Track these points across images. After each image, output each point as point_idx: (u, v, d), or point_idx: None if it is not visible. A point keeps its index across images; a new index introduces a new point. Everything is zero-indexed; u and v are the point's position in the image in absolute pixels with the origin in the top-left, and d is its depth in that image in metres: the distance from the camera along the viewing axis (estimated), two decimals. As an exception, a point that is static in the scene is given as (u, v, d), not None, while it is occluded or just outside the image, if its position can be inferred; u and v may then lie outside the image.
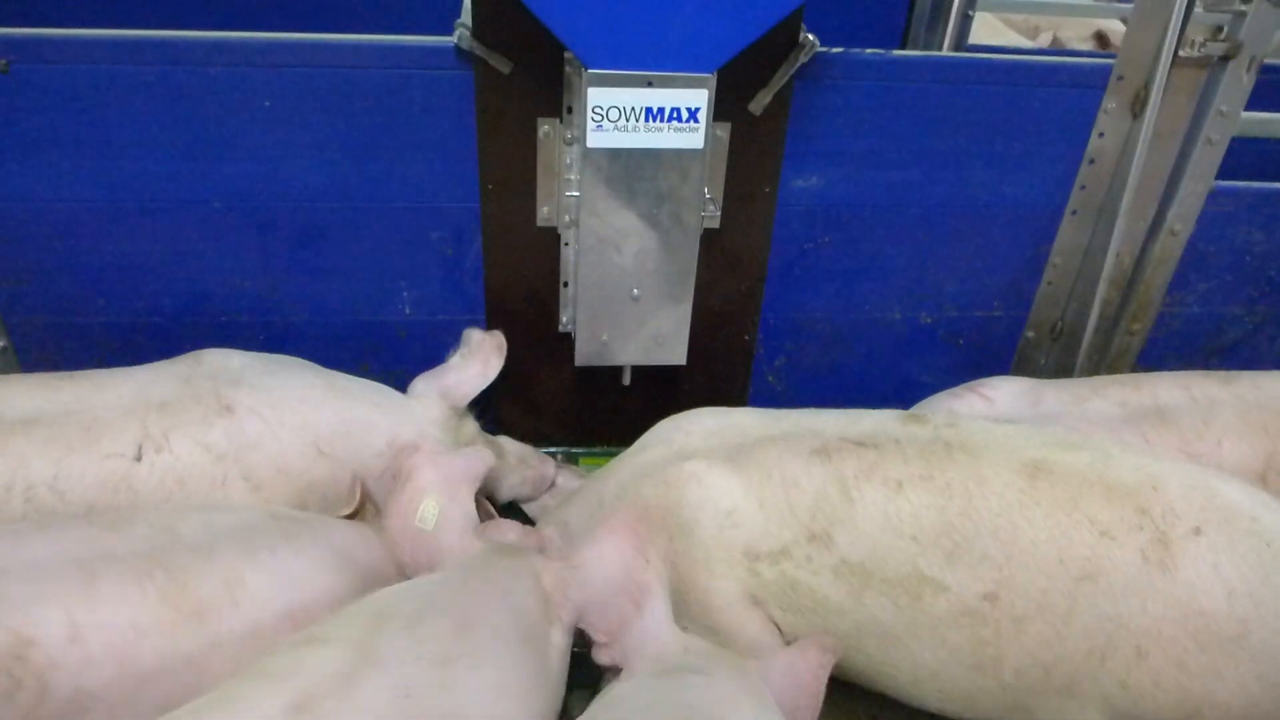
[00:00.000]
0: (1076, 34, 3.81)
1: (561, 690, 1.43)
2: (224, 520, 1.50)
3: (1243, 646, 1.36)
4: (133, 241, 1.96)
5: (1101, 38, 3.70)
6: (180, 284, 2.03)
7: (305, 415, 1.76)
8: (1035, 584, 1.44)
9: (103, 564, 1.31)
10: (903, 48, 2.76)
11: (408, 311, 2.13)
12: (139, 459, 1.62)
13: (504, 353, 1.98)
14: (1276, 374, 1.97)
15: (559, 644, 1.43)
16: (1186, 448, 1.83)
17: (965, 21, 2.78)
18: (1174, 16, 1.90)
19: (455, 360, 1.97)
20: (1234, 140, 2.08)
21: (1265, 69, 2.03)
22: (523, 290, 2.09)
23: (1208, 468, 1.61)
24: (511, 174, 1.93)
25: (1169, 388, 1.92)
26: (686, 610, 1.65)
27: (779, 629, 1.65)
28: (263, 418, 1.72)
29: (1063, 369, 2.35)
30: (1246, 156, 2.38)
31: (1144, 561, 1.41)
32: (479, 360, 1.96)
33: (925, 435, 1.61)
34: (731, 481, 1.61)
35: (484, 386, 1.96)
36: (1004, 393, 1.98)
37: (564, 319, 2.10)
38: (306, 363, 1.91)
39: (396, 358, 2.20)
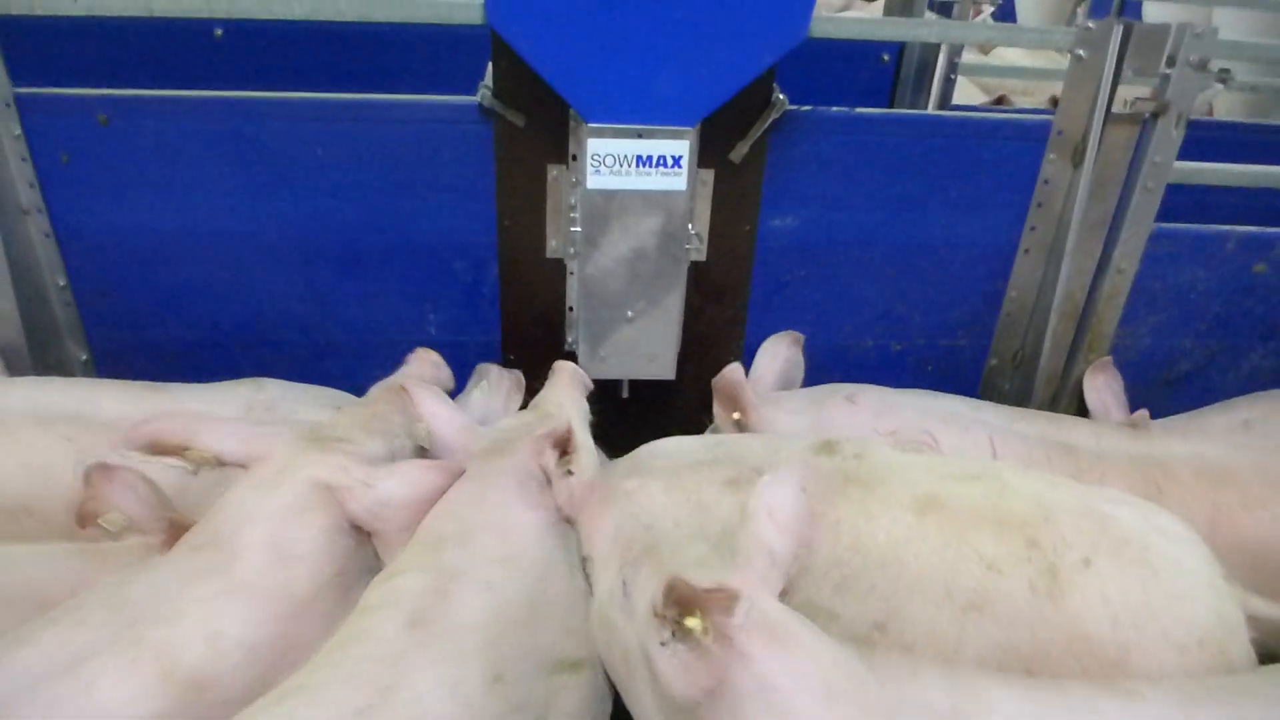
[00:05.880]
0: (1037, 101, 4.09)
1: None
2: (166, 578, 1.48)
3: (1121, 668, 1.44)
4: (201, 267, 2.26)
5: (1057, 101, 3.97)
6: (239, 304, 2.32)
7: None
8: (924, 614, 1.50)
9: (92, 667, 1.28)
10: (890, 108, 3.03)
11: (433, 332, 2.40)
12: (195, 473, 1.80)
13: (523, 389, 2.17)
14: (1196, 434, 2.11)
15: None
16: (1080, 477, 1.92)
17: (948, 84, 3.06)
18: (1104, 79, 2.16)
19: (477, 395, 2.14)
20: (1176, 186, 2.28)
21: (1195, 125, 2.27)
22: (534, 314, 2.35)
23: (1109, 491, 1.69)
24: (525, 212, 2.21)
25: (1083, 432, 2.07)
26: None
27: None
28: None
29: (1025, 395, 2.56)
30: (1190, 201, 2.60)
31: (1031, 592, 1.47)
32: (501, 397, 2.15)
33: (829, 468, 1.70)
34: (656, 499, 1.73)
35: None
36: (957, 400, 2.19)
37: (569, 339, 2.37)
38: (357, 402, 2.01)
39: (423, 374, 2.47)
